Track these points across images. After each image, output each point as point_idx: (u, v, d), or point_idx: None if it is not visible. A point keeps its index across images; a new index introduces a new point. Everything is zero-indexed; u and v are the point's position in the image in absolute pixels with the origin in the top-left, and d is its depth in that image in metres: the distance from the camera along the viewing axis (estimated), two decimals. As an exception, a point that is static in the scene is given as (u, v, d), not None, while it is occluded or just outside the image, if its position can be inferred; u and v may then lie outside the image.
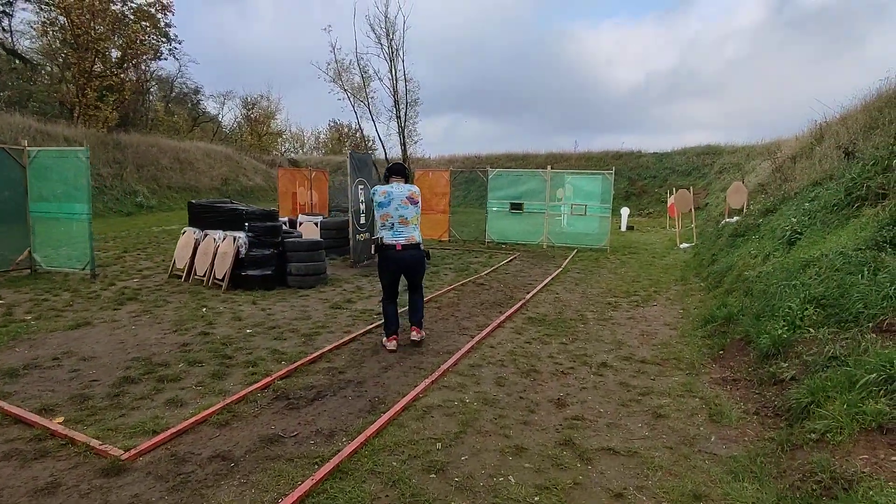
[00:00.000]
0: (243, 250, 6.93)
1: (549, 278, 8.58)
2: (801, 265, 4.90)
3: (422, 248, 4.74)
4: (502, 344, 5.00)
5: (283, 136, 52.94)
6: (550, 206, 12.86)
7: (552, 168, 33.08)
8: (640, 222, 23.17)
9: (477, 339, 5.03)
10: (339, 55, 29.48)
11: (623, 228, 18.87)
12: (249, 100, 49.09)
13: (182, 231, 7.96)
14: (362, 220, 9.40)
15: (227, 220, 7.23)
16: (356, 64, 27.55)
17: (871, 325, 3.39)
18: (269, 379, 3.85)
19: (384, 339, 4.78)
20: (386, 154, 30.47)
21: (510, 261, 10.59)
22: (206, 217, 7.58)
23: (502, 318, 5.84)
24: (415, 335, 4.83)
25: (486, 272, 9.01)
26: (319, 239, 7.43)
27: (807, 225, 6.15)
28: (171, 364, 4.20)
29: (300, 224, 10.59)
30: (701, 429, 3.29)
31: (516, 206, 13.04)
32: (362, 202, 9.40)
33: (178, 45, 35.93)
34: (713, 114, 72.66)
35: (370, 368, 4.22)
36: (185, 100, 44.69)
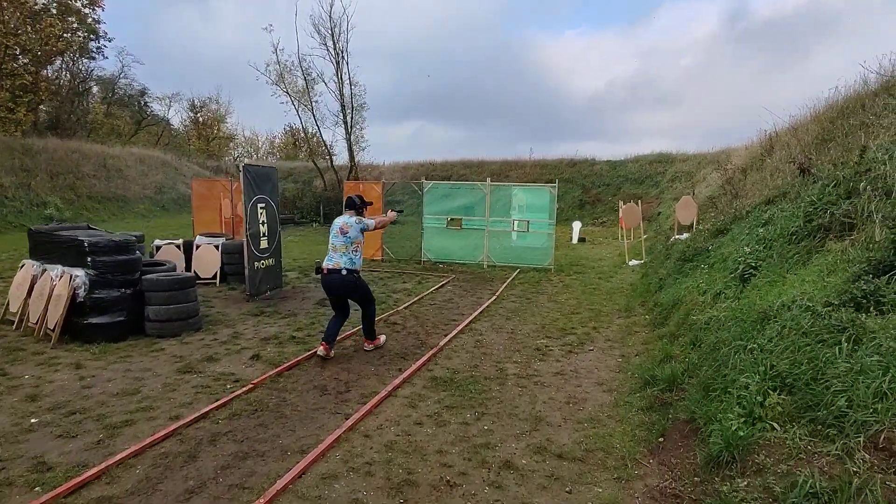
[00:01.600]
0: (82, 292, 5.48)
1: (478, 311, 7.45)
2: (758, 317, 3.90)
3: (346, 273, 5.07)
4: (385, 427, 3.78)
5: (236, 141, 50.55)
6: (491, 221, 11.79)
7: (506, 177, 32.14)
8: (594, 232, 22.54)
9: (350, 423, 3.79)
10: (281, 56, 27.85)
11: (574, 241, 18.06)
12: (197, 102, 46.45)
13: (20, 264, 6.42)
14: (263, 245, 8.02)
15: (67, 253, 5.76)
16: (299, 66, 25.95)
17: (860, 437, 2.35)
18: (-22, 535, 2.50)
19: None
20: (332, 162, 28.93)
21: (442, 286, 9.42)
22: (46, 248, 6.09)
23: (397, 381, 4.62)
24: (366, 345, 5.50)
25: (406, 304, 7.79)
26: (188, 274, 6.05)
27: (762, 257, 5.22)
28: None
29: (197, 247, 9.12)
30: None
31: (454, 222, 11.90)
32: (263, 223, 8.03)
33: (107, 44, 33.46)
34: (668, 122, 74.23)
35: (167, 492, 2.92)
36: (131, 102, 41.72)
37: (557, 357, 5.52)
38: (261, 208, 7.96)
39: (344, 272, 5.04)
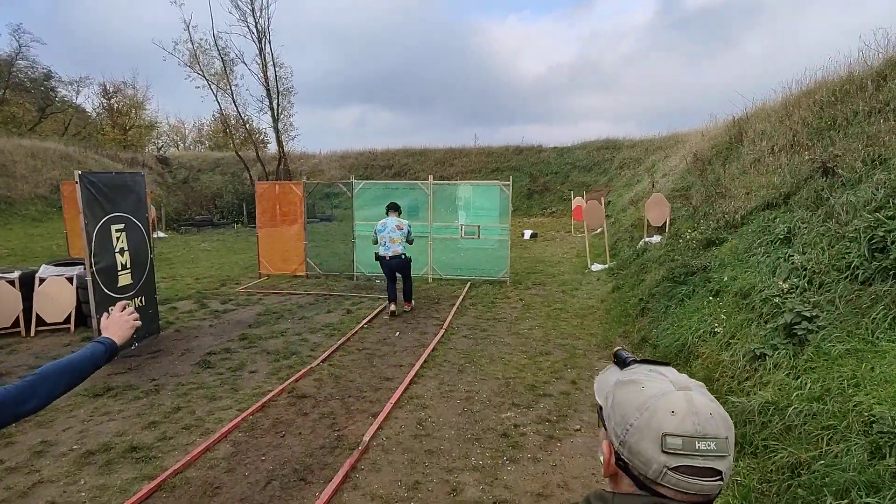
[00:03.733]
0: None
1: (421, 360, 5.67)
2: (877, 439, 2.34)
3: (405, 257, 7.35)
4: None
5: (159, 129, 45.69)
6: (435, 227, 9.99)
7: (450, 166, 30.22)
8: (544, 223, 21.31)
9: None
10: (195, 34, 24.57)
11: (527, 237, 16.64)
12: (109, 87, 41.31)
13: None
14: (123, 282, 5.85)
15: None
16: (215, 45, 22.93)
17: None
18: None
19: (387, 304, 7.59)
20: (258, 152, 26.08)
21: (376, 315, 7.56)
22: None
23: (284, 551, 2.77)
24: (405, 307, 7.66)
25: (326, 354, 5.88)
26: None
27: (814, 301, 3.72)
28: None
29: (41, 281, 6.78)
30: None
31: (391, 229, 10.00)
32: (122, 251, 5.84)
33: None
34: (609, 105, 74.89)
35: None
36: (34, 87, 36.35)
37: (533, 451, 3.83)
38: (117, 231, 5.77)
39: (403, 256, 7.30)
